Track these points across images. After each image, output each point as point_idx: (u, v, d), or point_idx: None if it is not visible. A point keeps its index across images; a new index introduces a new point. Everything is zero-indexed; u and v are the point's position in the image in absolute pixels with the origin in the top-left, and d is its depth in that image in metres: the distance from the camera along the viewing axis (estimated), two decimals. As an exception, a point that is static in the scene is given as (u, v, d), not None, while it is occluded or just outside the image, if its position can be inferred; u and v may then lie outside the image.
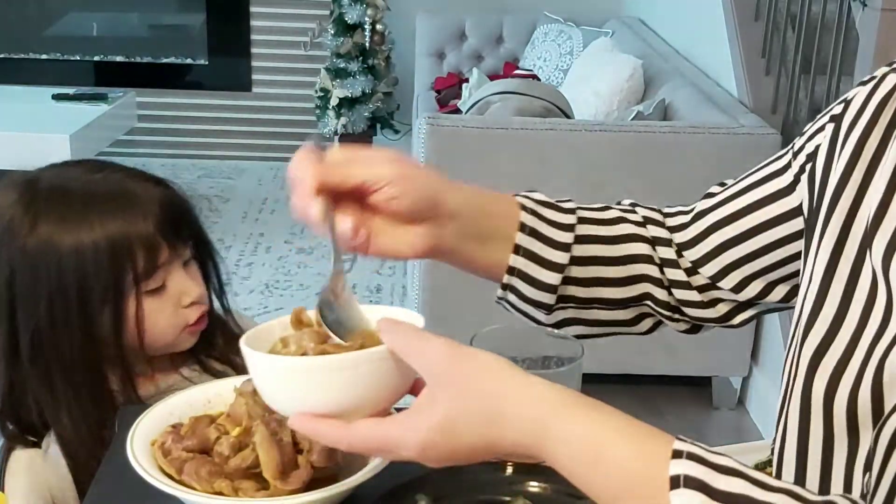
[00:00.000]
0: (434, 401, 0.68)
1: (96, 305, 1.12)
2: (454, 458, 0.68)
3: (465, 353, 0.69)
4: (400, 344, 0.71)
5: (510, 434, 0.66)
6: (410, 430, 0.68)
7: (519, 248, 0.90)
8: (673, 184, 2.66)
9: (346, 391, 0.72)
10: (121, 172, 1.19)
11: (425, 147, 2.62)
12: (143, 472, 0.85)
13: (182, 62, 4.95)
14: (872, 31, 2.18)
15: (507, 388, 0.67)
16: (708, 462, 0.62)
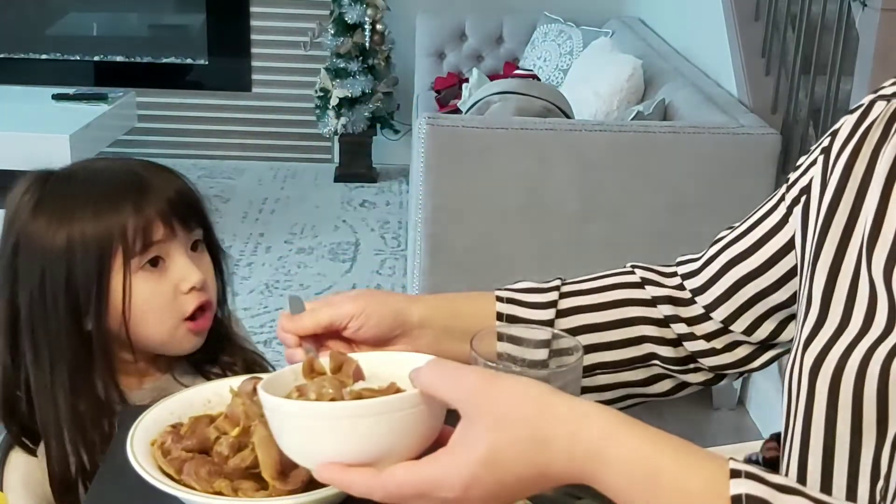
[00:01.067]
0: (474, 433, 0.65)
1: (82, 282, 1.10)
2: (501, 492, 0.65)
3: (503, 380, 0.67)
4: (432, 380, 0.68)
5: (560, 458, 0.64)
6: (452, 467, 0.65)
7: (502, 336, 0.91)
8: (673, 184, 2.66)
9: (378, 437, 0.68)
10: (138, 164, 1.20)
11: (425, 147, 2.62)
12: (142, 472, 0.85)
13: (182, 62, 4.95)
14: (872, 31, 2.18)
15: (552, 412, 0.65)
16: (767, 482, 0.61)
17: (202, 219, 1.20)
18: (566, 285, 0.98)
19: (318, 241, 4.00)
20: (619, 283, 0.99)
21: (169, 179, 1.17)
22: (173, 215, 1.13)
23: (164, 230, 1.12)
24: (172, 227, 1.13)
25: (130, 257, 1.11)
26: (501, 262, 2.67)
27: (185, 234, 1.16)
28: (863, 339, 0.76)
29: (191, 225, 1.16)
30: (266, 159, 4.91)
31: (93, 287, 1.10)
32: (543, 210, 2.66)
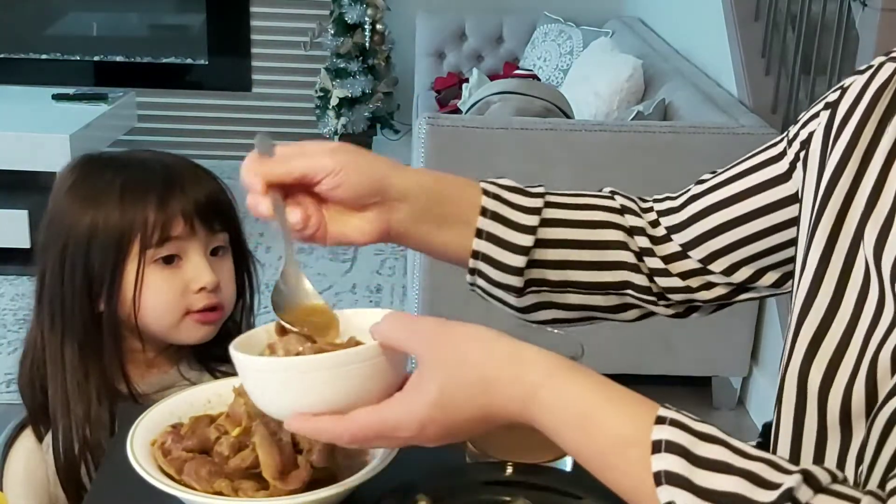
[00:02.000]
0: (427, 377, 0.69)
1: (98, 266, 1.13)
2: (452, 432, 0.70)
3: (452, 326, 0.71)
4: (389, 331, 0.72)
5: (501, 399, 0.67)
6: (407, 409, 0.69)
7: (482, 233, 0.90)
8: (673, 184, 2.64)
9: (341, 388, 0.72)
10: (177, 160, 1.22)
11: (425, 147, 2.62)
12: (142, 472, 0.85)
13: (182, 62, 4.95)
14: (872, 30, 2.17)
15: (496, 355, 0.68)
16: (690, 429, 0.63)
17: (229, 224, 1.21)
18: (550, 195, 0.97)
19: (318, 241, 3.99)
20: (601, 205, 0.99)
21: (202, 181, 1.20)
22: (196, 215, 1.15)
23: (183, 228, 1.15)
24: (193, 226, 1.15)
25: (146, 248, 1.13)
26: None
27: (206, 235, 1.17)
28: (855, 329, 0.76)
29: (213, 228, 1.18)
30: (266, 159, 4.91)
31: (107, 273, 1.14)
32: (543, 210, 2.65)
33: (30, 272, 3.98)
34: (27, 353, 1.20)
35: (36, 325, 1.19)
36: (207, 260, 1.17)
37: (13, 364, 3.27)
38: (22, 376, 1.21)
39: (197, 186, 1.18)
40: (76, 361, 1.16)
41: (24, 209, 3.52)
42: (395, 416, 0.70)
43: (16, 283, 3.48)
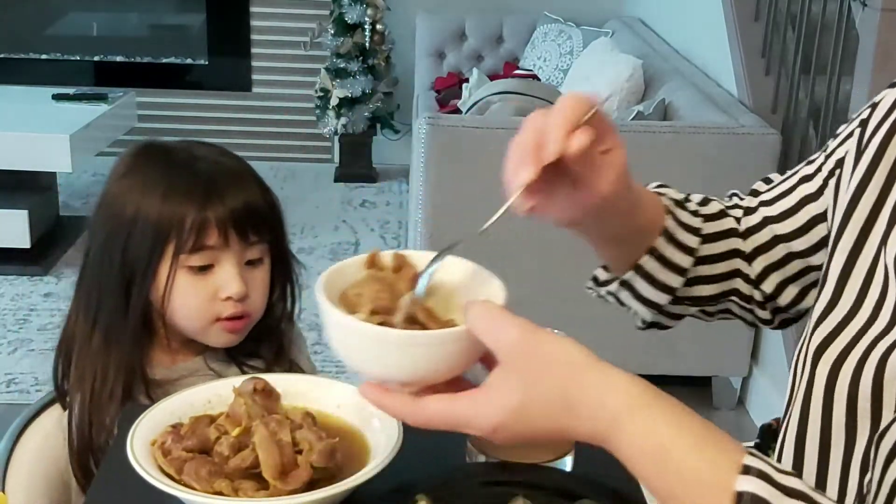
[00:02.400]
0: (509, 383, 0.68)
1: (135, 257, 1.16)
2: (525, 439, 0.70)
3: (543, 338, 0.69)
4: (479, 324, 0.70)
5: (584, 423, 0.67)
6: (483, 409, 0.69)
7: (653, 251, 0.88)
8: (673, 184, 2.65)
9: (422, 365, 0.72)
10: (229, 162, 1.23)
11: (425, 147, 2.62)
12: (142, 472, 0.85)
13: (182, 62, 4.95)
14: (872, 30, 2.17)
15: (584, 377, 0.67)
16: (776, 483, 0.61)
17: (269, 232, 1.20)
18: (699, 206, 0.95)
19: (318, 241, 4.00)
20: (727, 212, 0.97)
21: (245, 187, 1.19)
22: (232, 226, 1.16)
23: (217, 238, 1.15)
24: (227, 237, 1.16)
25: (179, 252, 1.14)
26: (502, 262, 2.66)
27: (241, 246, 1.17)
28: (868, 331, 0.76)
29: (249, 239, 1.18)
30: (266, 159, 4.89)
31: (141, 266, 1.15)
32: (543, 210, 2.65)
33: (29, 272, 3.98)
34: (64, 329, 1.24)
35: (74, 301, 1.22)
36: (240, 269, 1.18)
37: (14, 364, 3.27)
38: (57, 350, 1.24)
39: (238, 194, 1.18)
40: (101, 341, 1.18)
41: (24, 209, 3.52)
42: (470, 413, 0.70)
43: (16, 283, 3.48)
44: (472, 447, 0.97)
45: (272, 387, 0.97)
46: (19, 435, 1.22)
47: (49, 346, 3.35)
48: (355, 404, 0.98)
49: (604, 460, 1.01)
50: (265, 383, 0.97)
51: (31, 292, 3.42)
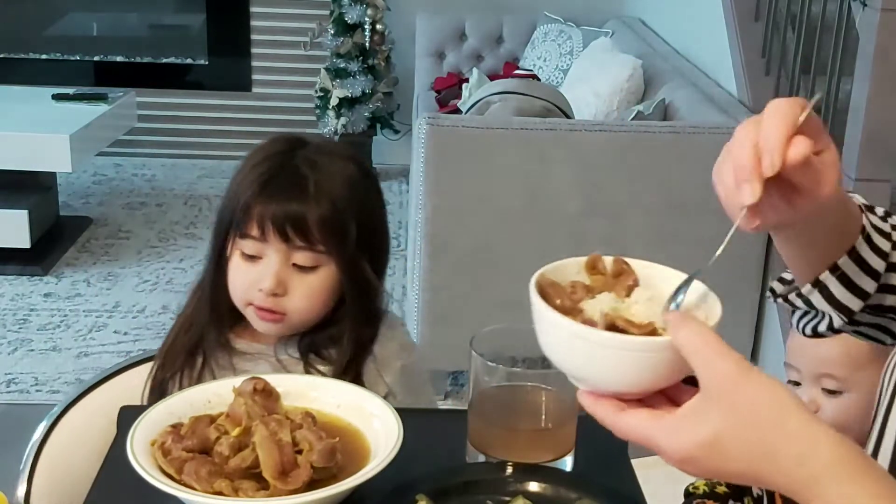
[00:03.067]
0: (706, 415, 0.66)
1: (222, 225, 1.25)
2: (715, 475, 0.68)
3: (753, 378, 0.67)
4: (689, 347, 0.68)
5: (780, 474, 0.65)
6: (675, 438, 0.67)
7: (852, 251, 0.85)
8: (673, 184, 2.66)
9: (628, 372, 0.71)
10: (325, 173, 1.22)
11: (425, 147, 2.62)
12: (143, 472, 0.85)
13: (182, 62, 4.94)
14: (872, 31, 2.17)
15: (788, 426, 0.65)
16: None
17: (325, 246, 1.21)
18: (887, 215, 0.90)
19: (318, 241, 4.00)
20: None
21: (303, 196, 1.20)
22: (271, 224, 1.19)
23: (257, 231, 1.20)
24: (265, 233, 1.20)
25: (234, 234, 1.22)
26: (501, 262, 2.67)
27: (285, 246, 1.20)
28: None
29: (293, 242, 1.20)
30: (266, 159, 4.90)
31: (221, 234, 1.25)
32: (543, 210, 2.65)
33: (29, 272, 3.97)
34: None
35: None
36: (281, 268, 1.20)
37: (13, 364, 3.27)
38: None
39: (292, 199, 1.20)
40: (193, 304, 1.29)
41: (24, 209, 3.52)
42: (660, 436, 0.68)
43: (15, 283, 3.48)
44: (472, 447, 0.97)
45: (272, 387, 0.97)
46: (47, 434, 1.26)
47: (49, 346, 3.36)
48: (355, 404, 0.98)
49: (604, 461, 1.01)
50: (265, 383, 0.97)
51: (31, 292, 3.42)
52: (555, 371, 0.97)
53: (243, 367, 1.25)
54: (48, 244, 3.69)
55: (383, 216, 1.31)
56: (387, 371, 1.25)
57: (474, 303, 2.67)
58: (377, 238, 1.29)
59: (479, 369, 0.95)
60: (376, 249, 1.28)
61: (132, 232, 4.01)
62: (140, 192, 4.47)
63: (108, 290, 3.48)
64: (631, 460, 1.04)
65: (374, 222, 1.28)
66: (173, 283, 3.56)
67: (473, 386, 0.96)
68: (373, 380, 1.24)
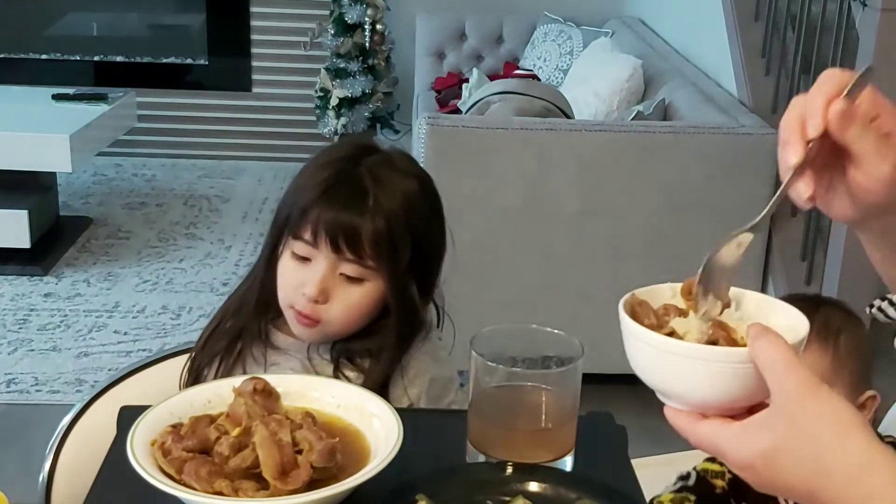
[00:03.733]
0: (770, 426, 0.68)
1: (278, 223, 1.25)
2: (771, 487, 0.69)
3: (821, 395, 0.67)
4: (763, 358, 0.68)
5: (833, 491, 0.65)
6: (738, 445, 0.69)
7: None
8: (673, 184, 2.66)
9: (710, 383, 0.71)
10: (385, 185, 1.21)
11: (425, 147, 2.62)
12: (142, 472, 0.85)
13: (182, 62, 4.94)
14: (872, 30, 2.18)
15: (845, 444, 0.66)
16: None
17: (375, 261, 1.20)
18: None
19: (318, 241, 3.99)
20: None
21: (359, 207, 1.19)
22: (322, 231, 1.19)
23: (310, 236, 1.20)
24: (316, 239, 1.19)
25: (288, 233, 1.22)
26: (501, 262, 2.67)
27: (334, 255, 1.20)
28: None
29: (343, 253, 1.19)
30: (266, 159, 4.90)
31: (277, 229, 1.25)
32: (543, 210, 2.65)
33: (29, 272, 3.96)
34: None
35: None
36: (327, 275, 1.20)
37: (13, 364, 3.27)
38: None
39: (346, 210, 1.19)
40: (241, 292, 1.30)
41: (23, 209, 3.52)
42: (726, 444, 0.70)
43: (15, 283, 3.48)
44: (472, 447, 0.97)
45: (272, 387, 0.97)
46: (65, 435, 1.26)
47: (49, 346, 3.36)
48: (355, 404, 0.98)
49: (604, 461, 1.01)
50: (265, 383, 0.96)
51: (31, 292, 3.42)
52: (555, 371, 0.98)
53: (274, 360, 1.25)
54: (48, 244, 3.69)
55: (440, 237, 1.29)
56: (413, 385, 1.24)
57: (474, 303, 2.67)
58: (429, 260, 1.27)
59: (479, 369, 0.95)
60: (426, 271, 1.27)
61: (132, 232, 4.01)
62: (140, 193, 4.47)
63: (108, 290, 3.48)
64: (631, 460, 1.04)
65: (428, 244, 1.26)
66: (173, 283, 3.56)
67: (473, 386, 0.96)
68: (398, 394, 1.23)
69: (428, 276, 1.28)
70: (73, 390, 2.81)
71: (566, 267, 2.66)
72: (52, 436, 1.28)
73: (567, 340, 0.98)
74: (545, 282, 2.65)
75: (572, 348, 0.97)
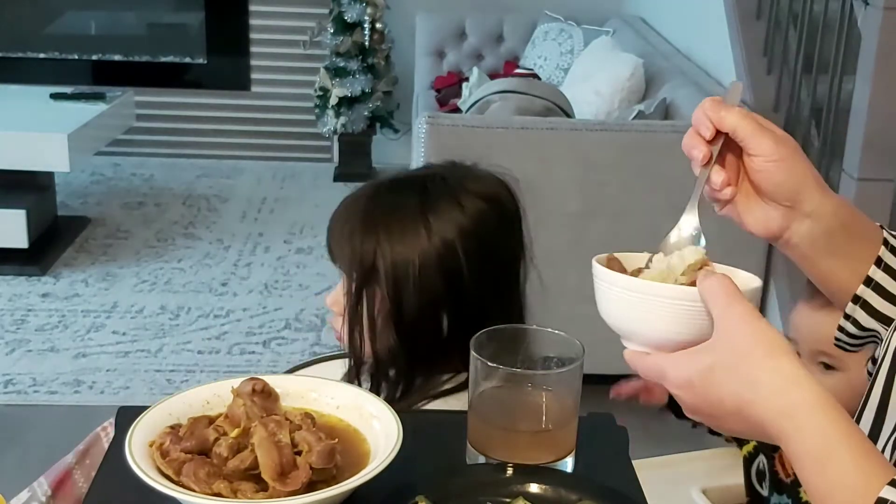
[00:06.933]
0: (710, 348, 0.74)
1: None
2: (703, 403, 0.74)
3: (758, 324, 0.73)
4: (708, 292, 0.75)
5: (760, 403, 0.71)
6: (680, 365, 0.75)
7: (870, 281, 0.88)
8: (674, 183, 2.64)
9: (666, 319, 0.77)
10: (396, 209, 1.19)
11: (425, 146, 2.61)
12: (141, 474, 0.85)
13: (181, 61, 4.94)
14: (875, 29, 2.17)
15: (775, 363, 0.71)
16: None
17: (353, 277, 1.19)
18: None
19: (317, 241, 3.99)
20: None
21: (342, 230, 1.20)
22: (329, 249, 1.22)
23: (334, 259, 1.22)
24: (332, 255, 1.22)
25: None
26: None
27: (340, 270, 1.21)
28: None
29: (340, 268, 1.21)
30: (265, 159, 4.90)
31: None
32: (543, 210, 2.65)
33: (27, 272, 3.96)
34: None
35: None
36: (342, 289, 1.21)
37: (11, 364, 3.26)
38: None
39: (332, 230, 1.21)
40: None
41: (21, 209, 3.51)
42: (669, 367, 0.76)
43: (13, 284, 3.47)
44: (472, 448, 0.96)
45: (271, 388, 0.96)
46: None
47: (47, 346, 3.36)
48: (355, 405, 0.98)
49: (604, 462, 1.01)
50: (264, 384, 0.96)
51: (29, 292, 3.42)
52: (555, 372, 0.97)
53: None
54: (46, 244, 3.69)
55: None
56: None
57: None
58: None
59: (479, 370, 0.95)
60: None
61: (130, 232, 4.00)
62: (138, 192, 4.47)
63: (106, 290, 3.47)
64: (632, 462, 1.03)
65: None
66: (172, 283, 3.56)
67: (473, 386, 0.96)
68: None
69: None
70: (71, 391, 2.80)
71: (566, 267, 2.65)
72: (50, 436, 1.27)
73: (568, 341, 0.98)
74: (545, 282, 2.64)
75: (573, 349, 0.96)
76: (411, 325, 1.17)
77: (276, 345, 3.12)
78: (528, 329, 1.04)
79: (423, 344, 1.18)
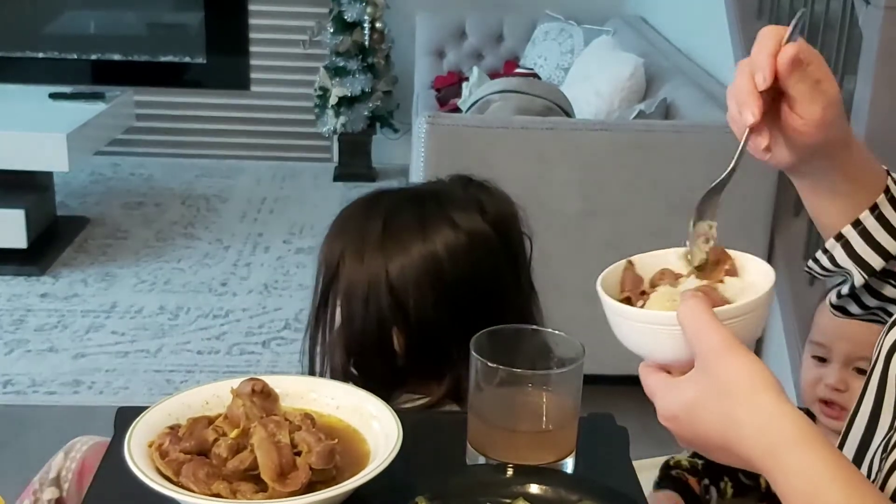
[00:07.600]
0: (692, 381, 0.73)
1: None
2: (693, 438, 0.74)
3: (736, 354, 0.71)
4: (684, 320, 0.74)
5: (744, 443, 0.70)
6: (667, 396, 0.74)
7: (859, 224, 0.89)
8: (675, 183, 2.65)
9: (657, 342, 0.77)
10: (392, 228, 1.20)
11: (425, 146, 2.61)
12: (140, 474, 0.84)
13: (180, 61, 4.94)
14: (876, 29, 2.16)
15: (756, 399, 0.70)
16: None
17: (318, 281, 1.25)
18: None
19: (317, 241, 3.97)
20: None
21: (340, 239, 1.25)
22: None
23: None
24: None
25: None
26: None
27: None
28: None
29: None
30: (265, 159, 4.90)
31: None
32: (543, 210, 2.64)
33: (26, 272, 3.96)
34: None
35: None
36: None
37: (10, 365, 3.25)
38: None
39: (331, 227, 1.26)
40: None
41: (20, 209, 3.51)
42: (659, 395, 0.75)
43: (12, 284, 3.47)
44: (473, 448, 0.96)
45: (270, 388, 0.96)
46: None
47: (46, 346, 3.35)
48: (354, 405, 0.97)
49: (605, 463, 1.00)
50: (264, 384, 0.96)
51: (28, 292, 3.41)
52: (556, 372, 0.97)
53: None
54: (45, 244, 3.69)
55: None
56: None
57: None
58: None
59: (479, 370, 0.94)
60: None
61: (130, 232, 4.00)
62: (138, 192, 4.46)
63: (105, 290, 3.47)
64: (632, 462, 1.03)
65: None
66: (171, 283, 3.55)
67: (473, 387, 0.96)
68: None
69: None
70: (71, 391, 2.80)
71: (566, 267, 2.65)
72: (49, 437, 1.26)
73: (568, 341, 0.97)
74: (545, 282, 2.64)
75: (573, 349, 0.96)
76: (359, 343, 1.18)
77: (275, 345, 3.12)
78: (528, 329, 1.04)
79: (374, 364, 1.19)
